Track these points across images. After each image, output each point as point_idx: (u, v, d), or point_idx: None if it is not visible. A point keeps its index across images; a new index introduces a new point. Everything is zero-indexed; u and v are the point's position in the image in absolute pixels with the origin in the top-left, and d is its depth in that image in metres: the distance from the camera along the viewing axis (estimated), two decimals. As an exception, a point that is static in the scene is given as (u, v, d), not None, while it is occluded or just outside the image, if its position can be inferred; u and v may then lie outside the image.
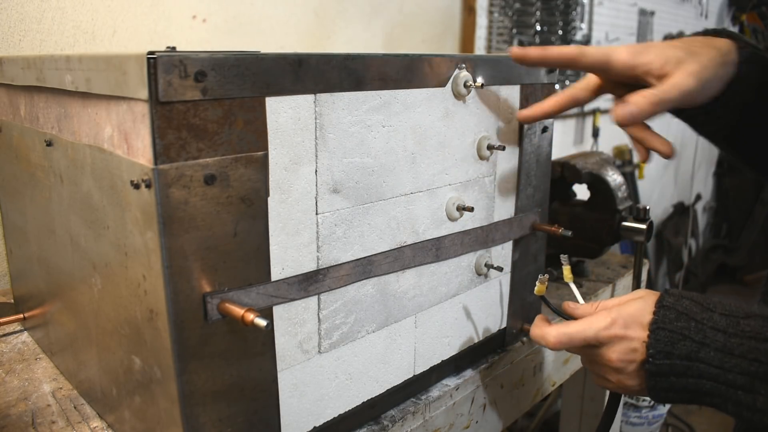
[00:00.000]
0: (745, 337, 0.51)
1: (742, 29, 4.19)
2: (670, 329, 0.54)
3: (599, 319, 0.58)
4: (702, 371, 0.53)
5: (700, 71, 0.59)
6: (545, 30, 2.22)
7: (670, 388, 0.55)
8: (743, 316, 0.53)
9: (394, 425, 0.67)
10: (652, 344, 0.55)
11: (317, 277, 0.57)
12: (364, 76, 0.56)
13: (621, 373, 0.58)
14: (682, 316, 0.54)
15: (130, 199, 0.48)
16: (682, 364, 0.54)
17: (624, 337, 0.57)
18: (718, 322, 0.53)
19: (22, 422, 0.64)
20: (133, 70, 0.44)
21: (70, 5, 1.06)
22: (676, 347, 0.54)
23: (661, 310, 0.55)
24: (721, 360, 0.52)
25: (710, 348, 0.52)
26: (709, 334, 0.53)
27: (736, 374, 0.51)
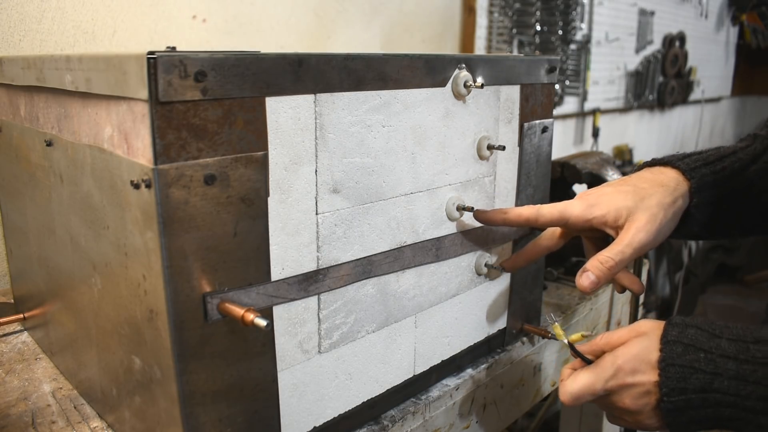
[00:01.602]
0: (758, 364, 0.51)
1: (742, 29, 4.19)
2: (680, 364, 0.53)
3: (604, 369, 0.57)
4: (719, 400, 0.52)
5: (651, 221, 0.62)
6: (545, 30, 2.22)
7: (689, 421, 0.54)
8: (753, 341, 0.52)
9: (394, 425, 0.67)
10: (665, 383, 0.54)
11: (317, 277, 0.57)
12: (364, 76, 0.56)
13: (638, 415, 0.57)
14: (689, 349, 0.53)
15: (130, 199, 0.48)
16: (698, 397, 0.53)
17: (633, 384, 0.56)
18: (727, 350, 0.52)
19: (22, 422, 0.64)
20: (133, 70, 0.44)
21: (70, 5, 1.06)
22: (689, 382, 0.53)
23: (667, 345, 0.54)
24: (737, 388, 0.51)
25: (723, 377, 0.52)
26: (720, 363, 0.52)
27: (755, 401, 0.50)
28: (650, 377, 0.55)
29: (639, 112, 3.28)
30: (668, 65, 3.26)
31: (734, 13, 4.03)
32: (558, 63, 0.78)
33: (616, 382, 0.57)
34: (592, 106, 2.70)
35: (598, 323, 1.11)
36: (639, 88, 3.10)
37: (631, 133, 3.25)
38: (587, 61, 2.56)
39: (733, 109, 4.77)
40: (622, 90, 2.96)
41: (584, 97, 2.61)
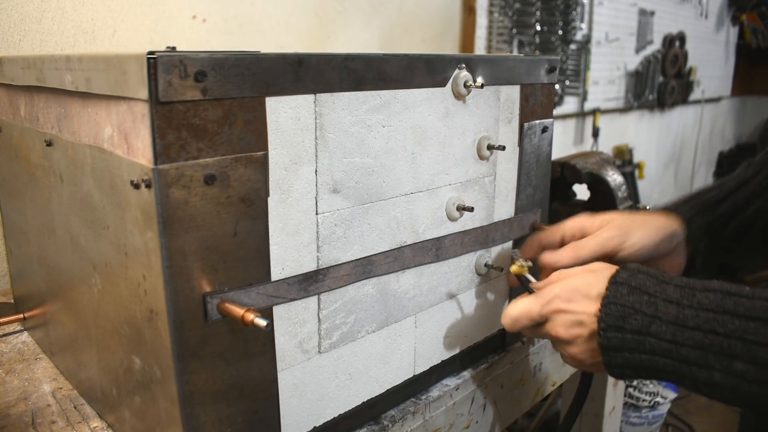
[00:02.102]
0: (701, 309, 0.50)
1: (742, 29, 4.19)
2: (621, 303, 0.53)
3: (543, 296, 0.59)
4: (654, 346, 0.51)
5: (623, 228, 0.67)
6: (545, 30, 2.22)
7: (624, 363, 0.54)
8: (701, 289, 0.51)
9: (394, 425, 0.67)
10: (603, 318, 0.54)
11: (317, 277, 0.57)
12: (364, 76, 0.56)
13: (572, 346, 0.58)
14: (634, 291, 0.53)
15: (130, 199, 0.48)
16: (634, 338, 0.52)
17: (566, 311, 0.57)
18: (671, 294, 0.52)
19: (22, 422, 0.64)
20: (133, 70, 0.44)
21: (70, 5, 1.06)
22: (627, 321, 0.52)
23: (614, 285, 0.55)
24: (674, 333, 0.50)
25: (662, 321, 0.51)
26: (660, 307, 0.51)
27: (690, 348, 0.49)
28: (585, 307, 0.56)
29: (639, 112, 3.28)
30: (668, 65, 3.26)
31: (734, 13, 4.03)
32: (558, 63, 0.78)
33: (549, 307, 0.58)
34: (592, 106, 2.70)
35: (598, 323, 1.11)
36: (639, 88, 3.10)
37: (631, 133, 3.25)
38: (587, 61, 2.56)
39: (733, 109, 4.77)
40: (622, 90, 2.96)
41: (584, 97, 2.61)
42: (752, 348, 0.47)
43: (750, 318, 0.47)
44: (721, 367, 0.48)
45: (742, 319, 0.48)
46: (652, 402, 2.07)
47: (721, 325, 0.48)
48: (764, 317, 0.47)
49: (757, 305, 0.48)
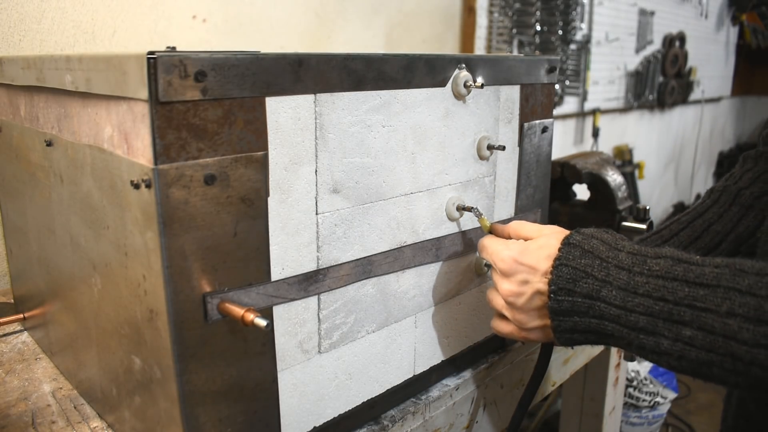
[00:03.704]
0: (651, 276, 0.49)
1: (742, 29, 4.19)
2: (573, 266, 0.53)
3: (503, 248, 0.59)
4: (603, 312, 0.51)
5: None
6: (545, 30, 2.22)
7: (573, 328, 0.53)
8: (652, 256, 0.51)
9: (394, 425, 0.67)
10: (554, 281, 0.53)
11: (317, 277, 0.57)
12: (364, 76, 0.56)
13: (515, 308, 0.58)
14: (587, 254, 0.53)
15: (130, 199, 0.48)
16: (584, 302, 0.52)
17: (515, 271, 0.57)
18: (623, 261, 0.51)
19: (22, 422, 0.64)
20: (133, 70, 0.44)
21: (70, 5, 1.06)
22: (578, 285, 0.52)
23: (566, 247, 0.54)
24: (624, 299, 0.50)
25: (612, 286, 0.50)
26: (612, 272, 0.51)
27: (639, 315, 0.49)
28: (535, 265, 0.56)
29: (639, 112, 3.28)
30: (668, 65, 3.26)
31: (734, 13, 4.04)
32: (558, 63, 0.78)
33: (503, 265, 0.58)
34: (592, 106, 2.70)
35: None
36: (639, 88, 3.10)
37: (631, 133, 3.25)
38: (587, 61, 2.56)
39: (733, 109, 4.77)
40: (622, 90, 2.96)
41: (584, 97, 2.61)
42: (701, 315, 0.46)
43: (699, 285, 0.47)
44: (669, 334, 0.47)
45: (691, 286, 0.47)
46: (652, 402, 2.07)
47: (671, 292, 0.48)
48: (713, 284, 0.46)
49: (706, 272, 0.47)
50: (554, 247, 0.56)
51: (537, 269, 0.56)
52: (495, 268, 0.60)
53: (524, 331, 0.59)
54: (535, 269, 0.56)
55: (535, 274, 0.56)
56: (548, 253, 0.55)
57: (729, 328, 0.45)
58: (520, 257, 0.57)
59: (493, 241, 0.62)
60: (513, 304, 0.58)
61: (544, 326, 0.57)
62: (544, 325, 0.57)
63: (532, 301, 0.56)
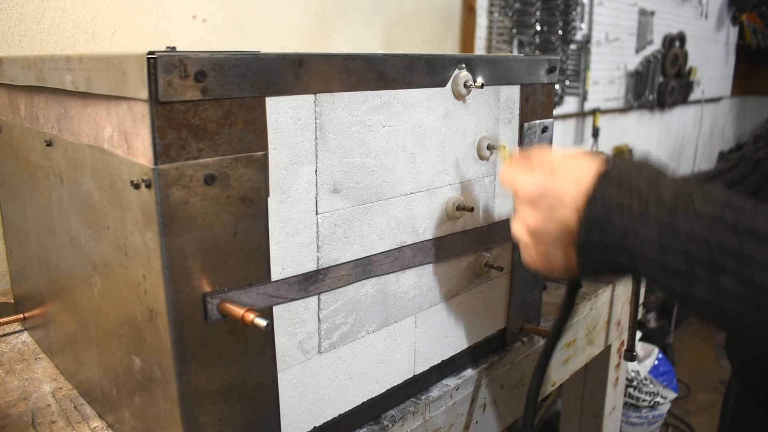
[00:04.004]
0: (698, 216, 0.45)
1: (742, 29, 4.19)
2: (608, 199, 0.48)
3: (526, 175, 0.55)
4: (636, 250, 0.47)
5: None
6: (545, 30, 2.22)
7: (600, 265, 0.50)
8: (699, 195, 0.46)
9: (394, 425, 0.67)
10: (585, 214, 0.49)
11: (317, 277, 0.57)
12: (364, 76, 0.56)
13: (537, 240, 0.54)
14: (624, 187, 0.48)
15: (130, 199, 0.48)
16: (616, 239, 0.48)
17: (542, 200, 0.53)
18: (665, 196, 0.47)
19: (22, 422, 0.64)
20: (133, 70, 0.44)
21: (70, 5, 1.06)
22: (611, 219, 0.48)
23: (602, 179, 0.50)
24: (661, 237, 0.46)
25: (650, 223, 0.46)
26: (652, 208, 0.47)
27: (676, 255, 0.45)
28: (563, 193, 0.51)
29: (639, 112, 3.28)
30: (668, 65, 3.26)
31: (734, 13, 4.03)
32: (558, 63, 0.78)
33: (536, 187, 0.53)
34: (592, 106, 2.70)
35: (598, 323, 1.11)
36: (639, 88, 3.10)
37: (631, 133, 3.25)
38: (587, 61, 2.56)
39: (733, 109, 4.77)
40: (622, 90, 2.96)
41: (584, 97, 2.61)
42: (746, 267, 0.43)
43: (749, 234, 0.43)
44: (706, 281, 0.44)
45: (740, 234, 0.43)
46: (652, 402, 2.07)
47: (716, 237, 0.44)
48: (764, 235, 0.43)
49: (758, 221, 0.43)
50: (583, 173, 0.51)
51: (564, 197, 0.51)
52: (517, 197, 0.56)
53: (549, 264, 0.55)
54: (561, 197, 0.51)
55: (562, 204, 0.51)
56: (576, 178, 0.51)
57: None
58: (546, 184, 0.52)
59: (515, 167, 0.57)
60: (537, 235, 0.54)
61: (570, 259, 0.53)
62: (570, 258, 0.53)
63: (559, 233, 0.52)
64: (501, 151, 0.65)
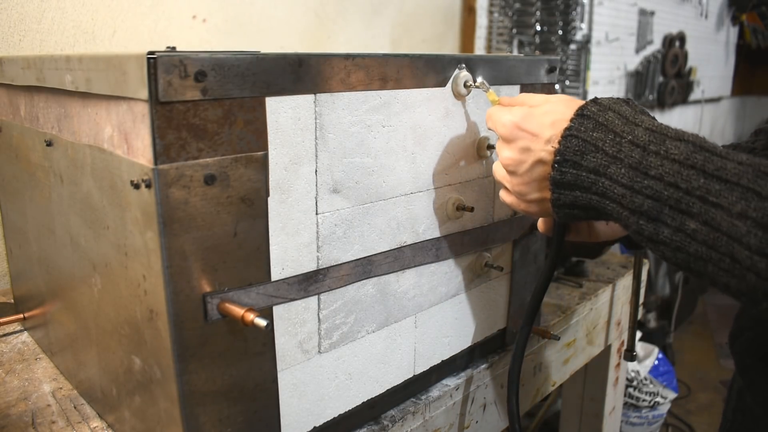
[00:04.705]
0: (667, 158, 0.45)
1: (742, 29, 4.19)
2: (583, 138, 0.49)
3: (505, 113, 0.56)
4: (607, 189, 0.48)
5: None
6: (545, 30, 2.22)
7: (574, 203, 0.51)
8: (673, 137, 0.47)
9: (394, 425, 0.67)
10: (560, 151, 0.50)
11: (317, 277, 0.57)
12: (364, 76, 0.56)
13: (514, 176, 0.55)
14: (600, 127, 0.49)
15: (130, 199, 0.48)
16: (589, 177, 0.49)
17: (518, 138, 0.54)
18: (639, 137, 0.47)
19: (22, 422, 0.64)
20: (133, 70, 0.44)
21: (70, 5, 1.06)
22: (585, 158, 0.49)
23: (579, 117, 0.50)
24: (632, 178, 0.46)
25: (622, 164, 0.47)
26: (625, 148, 0.47)
27: (644, 198, 0.46)
28: (538, 132, 0.52)
29: (639, 112, 3.27)
30: (668, 65, 3.26)
31: (734, 13, 4.03)
32: (558, 63, 0.78)
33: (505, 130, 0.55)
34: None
35: (598, 323, 1.11)
36: (639, 88, 3.09)
37: (631, 133, 3.24)
38: (587, 61, 2.56)
39: (733, 109, 4.77)
40: (622, 90, 2.96)
41: (584, 97, 2.61)
42: (710, 210, 0.43)
43: (716, 178, 0.43)
44: (672, 223, 0.45)
45: (708, 178, 0.43)
46: (652, 402, 2.07)
47: (685, 179, 0.44)
48: (732, 180, 0.43)
49: (728, 166, 0.43)
50: (561, 114, 0.52)
51: (539, 136, 0.52)
52: (498, 136, 0.57)
53: (524, 203, 0.56)
54: (537, 136, 0.52)
55: (537, 141, 0.52)
56: (553, 119, 0.52)
57: (737, 230, 0.42)
58: (522, 122, 0.53)
59: (497, 108, 0.58)
60: (514, 173, 0.55)
61: (544, 199, 0.54)
62: (544, 198, 0.53)
63: (533, 171, 0.53)
64: (489, 96, 0.65)
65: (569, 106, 0.53)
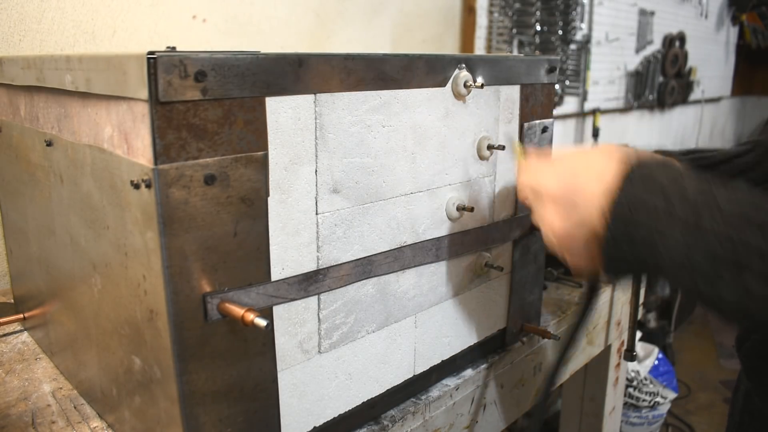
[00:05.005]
0: (720, 213, 0.45)
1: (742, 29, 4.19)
2: (632, 195, 0.48)
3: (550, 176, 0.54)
4: (662, 253, 0.47)
5: None
6: (545, 30, 2.22)
7: (624, 258, 0.50)
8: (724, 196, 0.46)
9: (394, 425, 0.67)
10: (612, 210, 0.49)
11: (317, 277, 0.57)
12: (364, 76, 0.56)
13: (560, 237, 0.54)
14: (648, 187, 0.48)
15: (130, 199, 0.48)
16: (643, 246, 0.48)
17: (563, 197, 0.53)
18: (689, 195, 0.47)
19: (22, 422, 0.64)
20: (133, 70, 0.44)
21: (70, 5, 1.06)
22: (637, 215, 0.48)
23: (625, 180, 0.49)
24: (687, 235, 0.45)
25: (676, 221, 0.46)
26: (676, 204, 0.46)
27: (702, 257, 0.45)
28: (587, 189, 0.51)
29: (639, 112, 3.28)
30: (668, 65, 3.26)
31: (734, 13, 4.03)
32: (558, 63, 0.78)
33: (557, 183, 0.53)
34: (592, 106, 2.70)
35: (598, 323, 1.11)
36: (639, 88, 3.09)
37: (631, 133, 3.25)
38: (587, 61, 2.55)
39: (733, 109, 4.77)
40: (622, 90, 2.96)
41: (584, 97, 2.61)
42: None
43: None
44: (730, 281, 0.44)
45: (765, 233, 0.43)
46: (652, 402, 2.07)
47: (741, 235, 0.43)
48: None
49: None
50: (605, 170, 0.50)
51: (588, 195, 0.51)
52: (539, 196, 0.56)
53: (574, 261, 0.55)
54: (586, 195, 0.51)
55: (586, 202, 0.51)
56: (599, 176, 0.50)
57: None
58: (569, 182, 0.52)
59: (535, 166, 0.57)
60: (562, 234, 0.53)
61: (594, 258, 0.52)
62: (594, 257, 0.52)
63: (583, 232, 0.52)
64: (516, 150, 0.64)
65: (609, 159, 0.51)
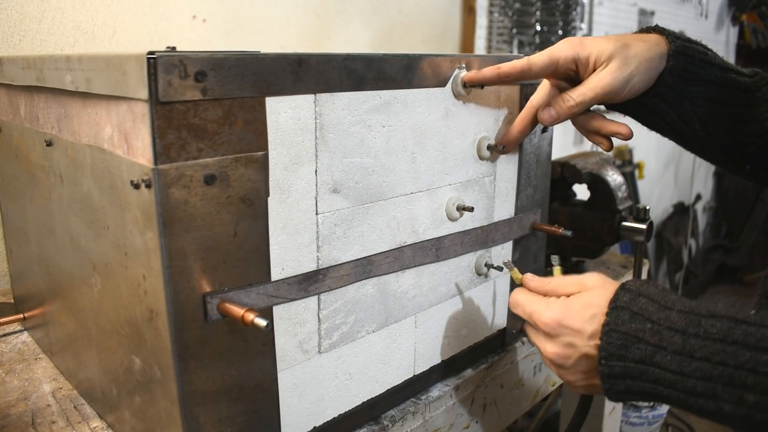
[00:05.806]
0: (708, 339, 0.47)
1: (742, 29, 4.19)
2: (623, 331, 0.51)
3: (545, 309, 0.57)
4: (657, 376, 0.49)
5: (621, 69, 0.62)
6: (545, 30, 2.22)
7: (627, 390, 0.52)
8: (706, 315, 0.49)
9: (394, 425, 0.67)
10: (604, 347, 0.51)
11: (317, 277, 0.57)
12: (364, 76, 0.56)
13: (561, 369, 0.56)
14: (636, 317, 0.51)
15: (130, 199, 0.48)
16: (637, 367, 0.50)
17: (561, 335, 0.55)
18: (676, 322, 0.49)
19: (22, 422, 0.64)
20: (133, 70, 0.44)
21: (70, 5, 1.05)
22: (629, 350, 0.50)
23: (614, 311, 0.52)
24: (680, 364, 0.48)
25: (667, 351, 0.49)
26: (665, 336, 0.49)
27: (697, 380, 0.47)
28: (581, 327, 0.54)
29: (639, 112, 3.27)
30: (668, 65, 3.26)
31: (734, 13, 4.03)
32: (558, 63, 0.78)
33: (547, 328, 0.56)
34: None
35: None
36: (639, 88, 3.09)
37: (631, 133, 3.24)
38: (587, 61, 2.55)
39: (733, 109, 4.76)
40: (622, 90, 2.96)
41: (584, 97, 2.61)
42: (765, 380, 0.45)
43: (761, 349, 0.45)
44: (731, 398, 0.46)
45: (752, 350, 0.46)
46: (652, 402, 2.07)
47: (731, 356, 0.46)
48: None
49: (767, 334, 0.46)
50: (599, 307, 0.53)
51: (582, 332, 0.54)
52: (536, 328, 0.59)
53: (574, 388, 0.58)
54: (580, 332, 0.54)
55: (580, 337, 0.54)
56: (592, 312, 0.53)
57: None
58: (564, 319, 0.55)
59: (531, 298, 0.60)
60: (561, 366, 0.57)
61: (594, 385, 0.55)
62: (594, 384, 0.55)
63: (579, 364, 0.55)
64: (513, 274, 0.67)
65: (603, 295, 0.54)
